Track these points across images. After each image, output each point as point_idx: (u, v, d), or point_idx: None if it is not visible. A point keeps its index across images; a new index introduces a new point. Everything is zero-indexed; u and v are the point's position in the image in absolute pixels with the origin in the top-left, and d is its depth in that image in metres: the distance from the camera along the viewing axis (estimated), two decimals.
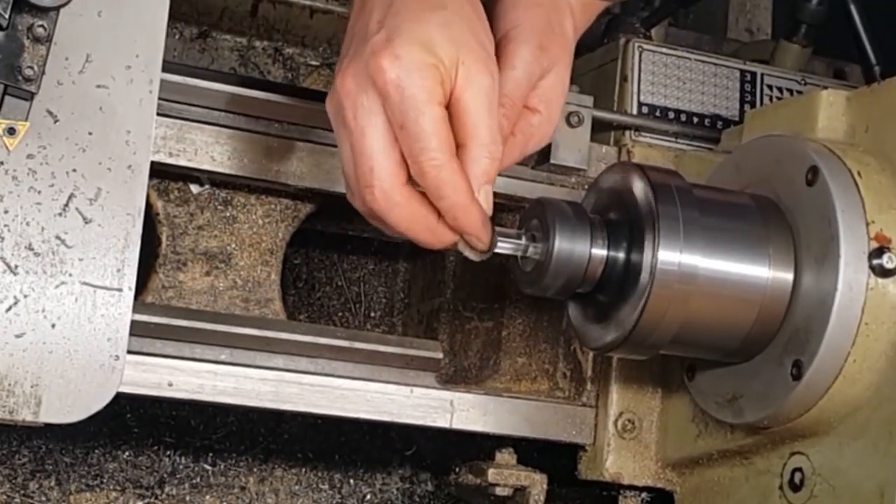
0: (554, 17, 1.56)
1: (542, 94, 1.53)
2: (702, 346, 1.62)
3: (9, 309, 1.44)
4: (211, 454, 2.06)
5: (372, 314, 2.18)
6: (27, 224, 1.45)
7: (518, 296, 1.91)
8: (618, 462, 1.80)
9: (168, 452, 2.04)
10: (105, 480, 2.00)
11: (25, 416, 1.44)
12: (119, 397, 1.49)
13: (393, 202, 1.43)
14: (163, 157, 1.68)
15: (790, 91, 1.94)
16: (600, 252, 1.56)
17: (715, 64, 1.93)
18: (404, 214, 1.44)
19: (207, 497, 2.04)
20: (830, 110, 1.64)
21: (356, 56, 1.43)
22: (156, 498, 2.02)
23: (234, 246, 1.78)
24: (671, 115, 1.89)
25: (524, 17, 1.54)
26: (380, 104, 1.41)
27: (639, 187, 1.55)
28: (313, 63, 2.08)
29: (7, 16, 1.41)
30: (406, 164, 1.42)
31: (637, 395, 1.81)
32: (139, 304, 1.59)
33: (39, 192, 1.45)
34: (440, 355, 1.76)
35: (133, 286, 1.48)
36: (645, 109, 1.88)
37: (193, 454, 2.05)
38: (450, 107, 1.43)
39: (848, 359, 1.52)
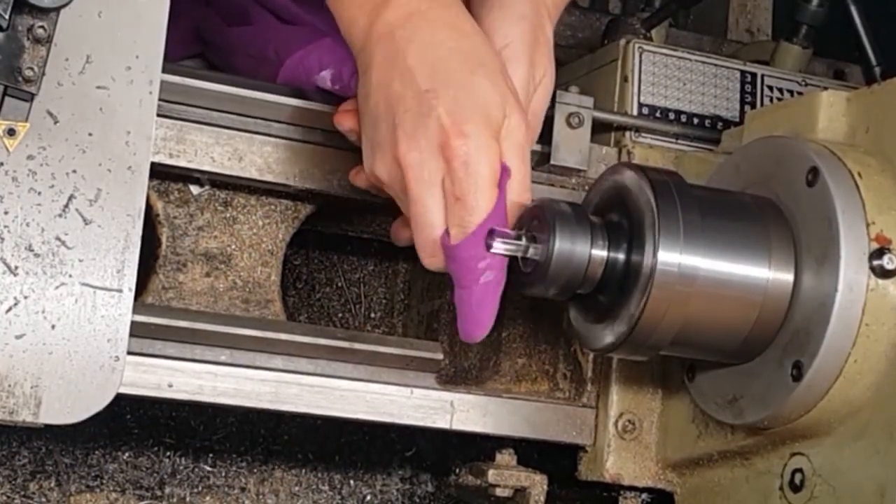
0: (538, 27, 1.61)
1: (532, 108, 1.60)
2: (702, 347, 1.62)
3: (9, 310, 1.44)
4: (211, 455, 2.06)
5: (372, 315, 2.18)
6: (27, 225, 1.45)
7: (518, 297, 1.91)
8: (618, 463, 1.80)
9: (168, 453, 2.04)
10: (105, 481, 2.00)
11: (25, 416, 1.44)
12: (119, 398, 1.49)
13: None
14: (163, 158, 1.68)
15: (790, 92, 1.93)
16: (600, 253, 1.56)
17: (715, 65, 1.92)
18: None
19: (207, 498, 2.04)
20: (831, 111, 1.64)
21: (417, 127, 1.48)
22: (156, 499, 2.02)
23: (234, 247, 1.78)
24: (671, 115, 1.89)
25: (514, 34, 1.58)
26: (440, 177, 1.48)
27: (639, 188, 1.55)
28: None
29: (7, 17, 1.41)
30: None
31: (637, 396, 1.81)
32: (139, 304, 1.59)
33: (39, 193, 1.45)
34: (440, 356, 1.76)
35: (133, 287, 1.48)
36: (645, 110, 1.88)
37: (193, 455, 2.05)
38: None
39: (848, 360, 1.52)
